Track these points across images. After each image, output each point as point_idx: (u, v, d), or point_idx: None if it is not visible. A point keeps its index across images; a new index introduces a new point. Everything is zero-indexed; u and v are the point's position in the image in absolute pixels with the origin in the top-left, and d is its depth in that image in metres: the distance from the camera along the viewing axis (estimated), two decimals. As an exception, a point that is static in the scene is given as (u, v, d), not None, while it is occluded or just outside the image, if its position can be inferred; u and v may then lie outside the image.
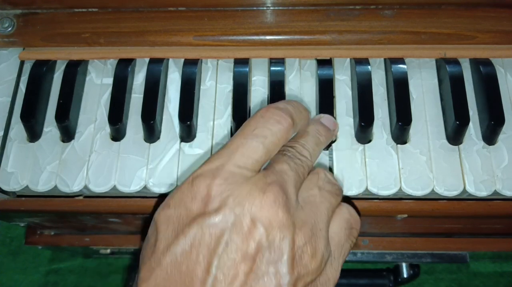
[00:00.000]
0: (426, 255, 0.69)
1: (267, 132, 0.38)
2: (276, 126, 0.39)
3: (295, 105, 0.42)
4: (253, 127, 0.38)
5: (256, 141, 0.38)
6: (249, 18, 0.54)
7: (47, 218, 0.61)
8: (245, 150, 0.37)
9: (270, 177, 0.37)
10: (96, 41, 0.54)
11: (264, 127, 0.38)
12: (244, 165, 0.37)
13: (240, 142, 0.38)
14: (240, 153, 0.37)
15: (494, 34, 0.53)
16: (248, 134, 0.38)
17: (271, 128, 0.38)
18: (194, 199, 0.35)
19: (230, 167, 0.36)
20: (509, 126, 0.50)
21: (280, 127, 0.39)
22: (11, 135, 0.52)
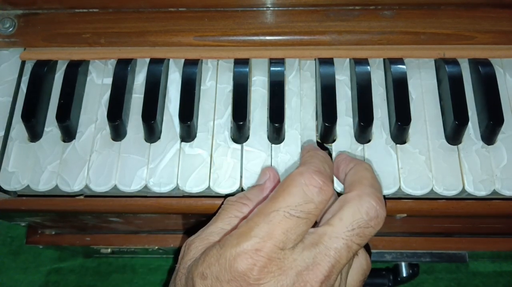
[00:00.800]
0: (425, 255, 0.69)
1: (312, 207, 0.37)
2: (320, 197, 0.37)
3: (327, 160, 0.41)
4: (298, 200, 0.37)
5: (300, 218, 0.37)
6: (249, 18, 0.54)
7: (48, 218, 0.61)
8: (287, 225, 0.36)
9: (317, 260, 0.36)
10: (97, 41, 0.55)
11: (309, 203, 0.37)
12: (283, 245, 0.36)
13: (283, 216, 0.36)
14: (281, 229, 0.36)
15: (493, 35, 0.54)
16: (291, 209, 0.37)
17: (315, 201, 0.37)
18: (230, 282, 0.35)
19: (269, 249, 0.35)
20: (508, 126, 0.50)
21: (324, 198, 0.38)
22: (12, 135, 0.52)
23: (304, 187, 0.38)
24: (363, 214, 0.37)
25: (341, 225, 0.37)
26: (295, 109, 0.52)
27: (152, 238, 0.69)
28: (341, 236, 0.37)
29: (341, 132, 0.51)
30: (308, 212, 0.37)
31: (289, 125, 0.51)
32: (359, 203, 0.38)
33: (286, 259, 0.36)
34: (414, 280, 0.76)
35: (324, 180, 0.38)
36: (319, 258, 0.36)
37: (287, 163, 0.50)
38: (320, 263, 0.36)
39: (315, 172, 0.38)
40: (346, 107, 0.52)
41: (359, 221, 0.37)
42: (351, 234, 0.37)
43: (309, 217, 0.37)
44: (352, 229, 0.37)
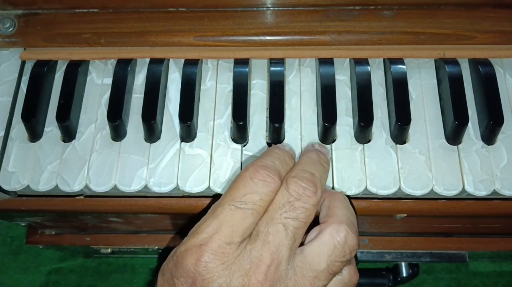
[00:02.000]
0: (425, 255, 0.69)
1: (256, 197, 0.38)
2: (265, 189, 0.38)
3: (282, 157, 0.41)
4: (242, 193, 0.38)
5: (245, 208, 0.37)
6: (249, 18, 0.54)
7: (48, 218, 0.61)
8: (233, 219, 0.37)
9: (257, 252, 0.36)
10: (97, 41, 0.55)
11: (253, 193, 0.38)
12: (230, 240, 0.36)
13: (229, 210, 0.37)
14: (228, 223, 0.37)
15: (493, 35, 0.54)
16: (236, 201, 0.37)
17: (260, 192, 0.38)
18: (180, 277, 0.36)
19: (215, 244, 0.36)
20: (508, 126, 0.50)
21: (269, 190, 0.38)
22: (12, 135, 0.52)
23: (249, 180, 0.38)
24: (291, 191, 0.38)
25: (274, 207, 0.38)
26: (295, 109, 0.52)
27: (152, 238, 0.69)
28: (275, 217, 0.38)
29: (341, 132, 0.51)
30: (253, 202, 0.37)
31: (289, 125, 0.51)
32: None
33: (231, 253, 0.36)
34: (414, 280, 0.76)
35: (269, 173, 0.39)
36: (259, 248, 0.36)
37: (287, 163, 0.50)
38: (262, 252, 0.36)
39: (260, 166, 0.39)
40: (346, 107, 0.52)
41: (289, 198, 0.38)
42: (285, 213, 0.38)
43: (255, 207, 0.37)
44: (284, 206, 0.38)
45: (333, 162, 0.50)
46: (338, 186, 0.48)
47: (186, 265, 0.36)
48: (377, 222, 0.61)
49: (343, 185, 0.49)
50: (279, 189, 0.39)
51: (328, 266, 0.37)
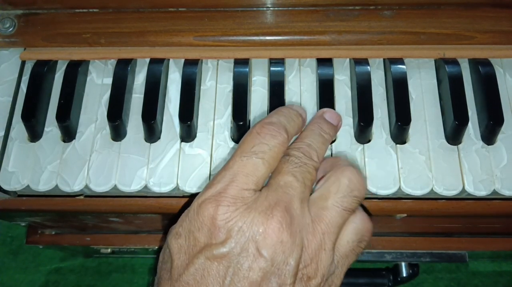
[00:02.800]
0: (425, 255, 0.69)
1: (265, 147, 0.39)
2: (273, 141, 0.39)
3: (288, 115, 0.42)
4: (251, 145, 0.39)
5: (255, 158, 0.38)
6: (249, 18, 0.54)
7: (48, 218, 0.61)
8: (246, 169, 0.38)
9: (273, 196, 0.37)
10: (97, 41, 0.55)
11: (261, 144, 0.39)
12: (247, 186, 0.37)
13: (240, 161, 0.38)
14: (241, 173, 0.38)
15: (493, 34, 0.54)
16: (247, 152, 0.39)
17: (268, 143, 0.39)
18: (200, 229, 0.36)
19: (233, 191, 0.37)
20: (508, 126, 0.50)
21: (277, 142, 0.39)
22: (12, 135, 0.52)
23: (256, 134, 0.40)
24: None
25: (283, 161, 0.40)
26: (295, 109, 0.52)
27: (152, 238, 0.69)
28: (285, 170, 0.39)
29: (341, 132, 0.51)
30: (262, 152, 0.39)
31: (289, 125, 0.51)
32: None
33: (249, 198, 0.37)
34: (414, 280, 0.76)
35: (275, 128, 0.40)
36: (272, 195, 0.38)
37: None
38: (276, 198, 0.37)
39: (267, 123, 0.41)
40: (346, 107, 0.52)
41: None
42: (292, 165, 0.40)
43: (265, 157, 0.39)
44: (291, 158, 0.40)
45: (333, 162, 0.50)
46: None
47: (206, 214, 0.36)
48: (377, 222, 0.61)
49: (343, 185, 0.49)
50: (286, 142, 0.40)
51: (336, 201, 0.39)
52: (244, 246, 0.35)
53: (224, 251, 0.35)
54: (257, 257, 0.35)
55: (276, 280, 0.35)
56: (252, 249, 0.35)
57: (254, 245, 0.35)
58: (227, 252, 0.35)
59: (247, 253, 0.35)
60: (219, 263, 0.35)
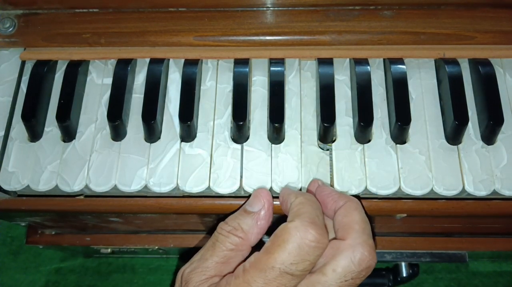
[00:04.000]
0: (425, 255, 0.69)
1: (307, 265, 0.38)
2: (318, 252, 0.39)
3: (320, 207, 0.42)
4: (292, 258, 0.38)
5: (294, 275, 0.38)
6: (249, 18, 0.54)
7: (48, 218, 0.61)
8: (282, 282, 0.38)
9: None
10: (97, 41, 0.55)
11: (305, 261, 0.38)
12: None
13: (278, 273, 0.38)
14: (276, 284, 0.38)
15: (493, 35, 0.54)
16: (287, 265, 0.38)
17: (310, 259, 0.39)
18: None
19: None
20: (508, 126, 0.50)
21: (320, 252, 0.39)
22: (12, 135, 0.52)
23: (300, 242, 0.38)
24: (356, 266, 0.39)
25: (334, 276, 0.39)
26: (295, 109, 0.52)
27: (152, 238, 0.69)
28: (333, 286, 0.39)
29: (341, 132, 0.51)
30: (303, 270, 0.38)
31: (289, 125, 0.51)
32: (352, 254, 0.39)
33: None
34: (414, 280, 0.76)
35: (320, 232, 0.39)
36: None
37: (287, 163, 0.50)
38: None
39: (310, 224, 0.39)
40: (346, 107, 0.52)
41: (352, 273, 0.39)
42: (343, 284, 0.39)
43: (304, 273, 0.39)
44: (345, 280, 0.39)
45: (333, 161, 0.50)
46: (338, 186, 0.49)
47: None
48: (377, 222, 0.61)
49: (343, 185, 0.49)
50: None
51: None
52: None
53: None
54: None
55: None
56: None
57: None
58: None
59: None
60: None
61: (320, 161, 0.50)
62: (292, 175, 0.49)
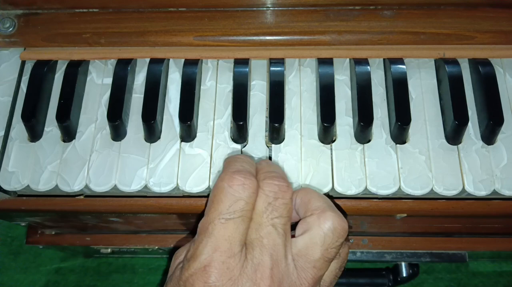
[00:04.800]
0: (425, 255, 0.69)
1: (242, 204, 0.38)
2: (246, 192, 0.39)
3: (245, 159, 0.42)
4: (227, 204, 0.38)
5: (235, 218, 0.38)
6: (249, 18, 0.54)
7: (48, 218, 0.61)
8: (228, 232, 0.37)
9: (258, 258, 0.37)
10: (97, 41, 0.55)
11: (238, 201, 0.38)
12: (231, 253, 0.37)
13: (220, 225, 0.38)
14: (223, 238, 0.37)
15: (493, 34, 0.54)
16: (225, 213, 0.38)
17: (243, 198, 0.38)
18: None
19: (218, 263, 0.36)
20: (508, 126, 0.50)
21: (251, 191, 0.39)
22: (12, 135, 0.52)
23: (228, 189, 0.39)
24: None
25: (256, 212, 0.39)
26: (295, 110, 0.52)
27: (152, 238, 0.69)
28: (262, 221, 0.38)
29: (341, 132, 0.51)
30: (240, 210, 0.38)
31: (289, 125, 0.51)
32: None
33: (235, 266, 0.37)
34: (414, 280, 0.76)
35: (244, 176, 0.39)
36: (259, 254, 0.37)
37: (287, 163, 0.50)
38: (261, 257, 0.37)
39: (234, 172, 0.40)
40: (346, 107, 0.52)
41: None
42: (270, 214, 0.39)
43: (243, 213, 0.38)
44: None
45: (333, 161, 0.50)
46: (338, 186, 0.48)
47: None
48: (377, 222, 0.61)
49: (343, 185, 0.49)
50: (257, 188, 0.40)
51: (323, 255, 0.39)
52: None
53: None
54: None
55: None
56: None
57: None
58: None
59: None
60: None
61: (321, 155, 0.50)
62: (292, 175, 0.49)
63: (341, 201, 0.50)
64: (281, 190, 0.40)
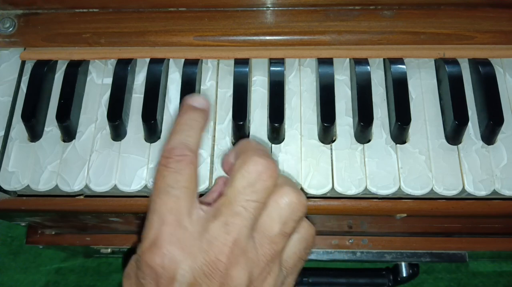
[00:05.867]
0: (425, 255, 0.69)
1: (177, 176, 0.37)
2: (180, 165, 0.38)
3: (184, 127, 0.40)
4: (164, 180, 0.37)
5: (172, 191, 0.37)
6: (249, 18, 0.54)
7: (48, 218, 0.61)
8: (169, 205, 0.37)
9: (217, 231, 0.36)
10: (97, 41, 0.55)
11: (171, 174, 0.37)
12: (179, 224, 0.36)
13: (160, 200, 0.37)
14: (167, 211, 0.37)
15: (493, 34, 0.54)
16: (162, 188, 0.37)
17: (177, 170, 0.38)
18: (145, 278, 0.36)
19: (165, 235, 0.36)
20: (508, 126, 0.50)
21: (185, 163, 0.38)
22: (12, 135, 0.52)
23: (163, 167, 0.38)
24: (251, 173, 0.37)
25: (233, 191, 0.37)
26: (295, 109, 0.52)
27: (152, 238, 0.69)
28: (236, 200, 0.37)
29: (341, 132, 0.51)
30: (176, 181, 0.37)
31: (289, 125, 0.51)
32: (243, 166, 0.38)
33: (187, 236, 0.36)
34: (414, 280, 0.76)
35: (177, 152, 0.38)
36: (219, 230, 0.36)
37: (287, 163, 0.50)
38: (223, 234, 0.36)
39: (167, 150, 0.39)
40: (346, 107, 0.52)
41: (251, 183, 0.37)
42: (245, 196, 0.37)
43: (181, 184, 0.37)
44: (244, 190, 0.37)
45: (333, 161, 0.50)
46: (338, 185, 0.48)
47: (148, 264, 0.36)
48: (377, 222, 0.61)
49: (343, 185, 0.49)
50: (194, 158, 0.38)
51: (281, 229, 0.37)
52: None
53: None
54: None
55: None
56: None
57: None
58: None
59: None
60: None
61: (321, 155, 0.50)
62: (292, 175, 0.49)
63: (341, 201, 0.50)
64: (265, 172, 0.37)
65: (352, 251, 0.69)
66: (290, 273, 0.40)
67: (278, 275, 0.38)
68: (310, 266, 0.77)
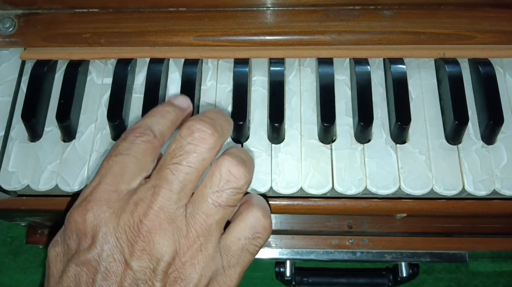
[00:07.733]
0: (425, 255, 0.69)
1: (129, 144, 0.37)
2: (136, 139, 0.38)
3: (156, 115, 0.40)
4: (116, 148, 0.38)
5: (120, 156, 0.37)
6: (249, 18, 0.54)
7: (48, 218, 0.61)
8: (113, 169, 0.37)
9: (143, 193, 0.36)
10: (97, 41, 0.55)
11: (124, 143, 0.38)
12: (115, 187, 0.36)
13: (106, 163, 0.37)
14: (108, 173, 0.37)
15: (493, 34, 0.54)
16: (112, 154, 0.38)
17: (131, 141, 0.38)
18: (71, 236, 0.36)
19: (98, 194, 0.36)
20: (508, 126, 0.50)
21: (141, 139, 0.38)
22: (12, 135, 0.52)
23: (122, 139, 0.39)
24: (183, 135, 0.37)
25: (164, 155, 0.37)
26: (295, 109, 0.52)
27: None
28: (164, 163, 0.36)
29: (341, 132, 0.51)
30: (126, 148, 0.37)
31: (289, 125, 0.51)
32: (180, 130, 0.37)
33: (118, 200, 0.36)
34: (414, 280, 0.76)
35: (139, 129, 0.38)
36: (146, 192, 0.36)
37: (287, 163, 0.50)
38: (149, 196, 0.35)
39: (131, 128, 0.39)
40: (346, 107, 0.52)
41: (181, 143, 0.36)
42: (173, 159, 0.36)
43: (130, 152, 0.37)
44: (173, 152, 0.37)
45: (333, 161, 0.50)
46: (338, 185, 0.48)
47: (74, 221, 0.36)
48: (377, 222, 0.61)
49: (343, 185, 0.49)
50: (153, 140, 0.38)
51: (213, 199, 0.36)
52: (109, 252, 0.34)
53: (89, 256, 0.34)
54: (123, 263, 0.34)
55: (144, 285, 0.34)
56: (117, 255, 0.34)
57: (119, 251, 0.34)
58: (92, 257, 0.34)
59: (113, 259, 0.34)
60: (88, 269, 0.34)
61: (321, 155, 0.50)
62: (292, 175, 0.49)
63: (341, 201, 0.50)
64: (200, 135, 0.36)
65: (352, 251, 0.69)
66: (233, 265, 0.37)
67: (212, 257, 0.36)
68: (310, 266, 0.77)
